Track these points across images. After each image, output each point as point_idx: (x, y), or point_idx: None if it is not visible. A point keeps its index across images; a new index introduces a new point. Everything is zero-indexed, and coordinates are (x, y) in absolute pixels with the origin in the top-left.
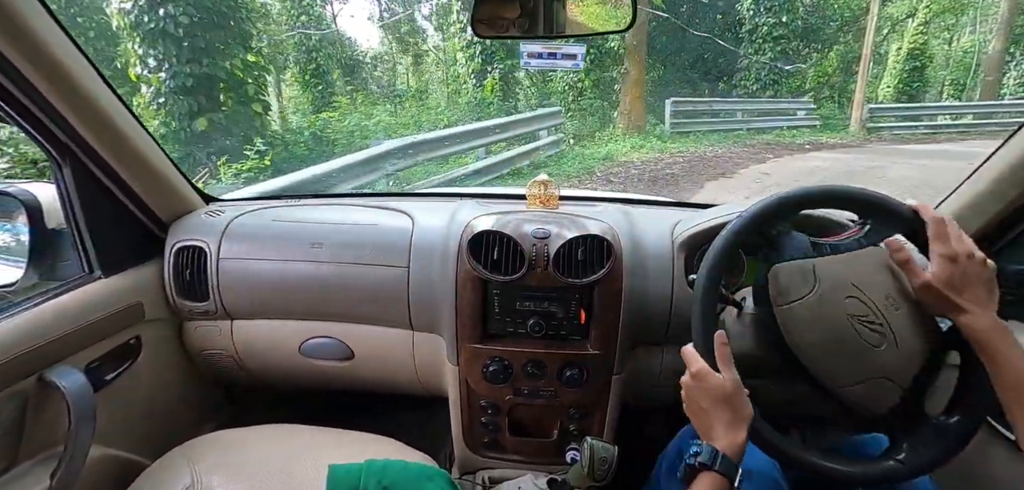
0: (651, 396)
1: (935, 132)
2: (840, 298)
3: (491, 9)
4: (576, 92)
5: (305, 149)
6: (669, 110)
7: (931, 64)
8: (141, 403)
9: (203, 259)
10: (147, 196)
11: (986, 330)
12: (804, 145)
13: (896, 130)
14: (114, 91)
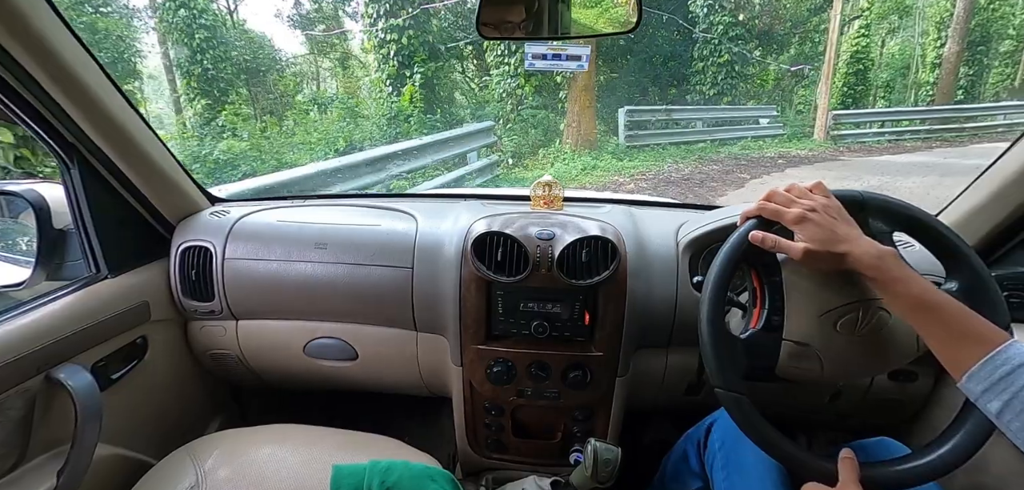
0: (655, 398)
1: (899, 138)
2: (833, 331)
3: (496, 11)
4: (515, 100)
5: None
6: (623, 121)
7: (873, 67)
8: (147, 402)
9: (208, 259)
10: (153, 196)
11: (874, 256)
12: (776, 159)
13: (862, 138)
14: (121, 91)
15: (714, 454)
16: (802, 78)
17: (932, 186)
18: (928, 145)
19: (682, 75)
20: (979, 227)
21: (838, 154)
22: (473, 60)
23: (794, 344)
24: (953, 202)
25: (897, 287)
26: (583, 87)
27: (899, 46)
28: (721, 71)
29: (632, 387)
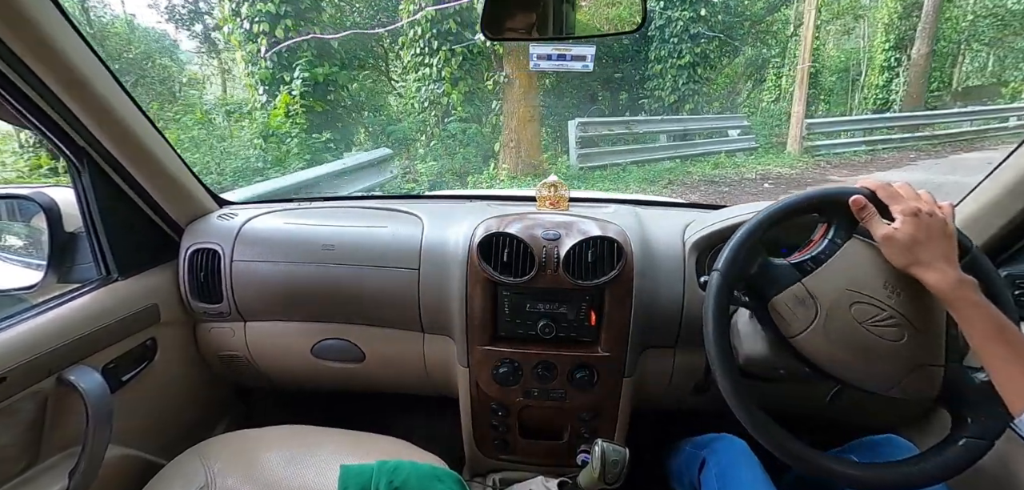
0: (663, 399)
1: (873, 149)
2: (845, 309)
3: (501, 11)
4: (440, 110)
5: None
6: (574, 136)
7: (824, 71)
8: (157, 404)
9: (217, 262)
10: (162, 199)
11: (952, 284)
12: (758, 179)
13: (836, 149)
14: (130, 95)
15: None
16: (760, 82)
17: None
18: (905, 155)
19: (637, 79)
20: (987, 227)
21: (825, 171)
22: (382, 62)
23: (806, 292)
24: (961, 202)
25: (974, 314)
26: (522, 96)
27: (835, 49)
28: (682, 74)
29: (639, 387)
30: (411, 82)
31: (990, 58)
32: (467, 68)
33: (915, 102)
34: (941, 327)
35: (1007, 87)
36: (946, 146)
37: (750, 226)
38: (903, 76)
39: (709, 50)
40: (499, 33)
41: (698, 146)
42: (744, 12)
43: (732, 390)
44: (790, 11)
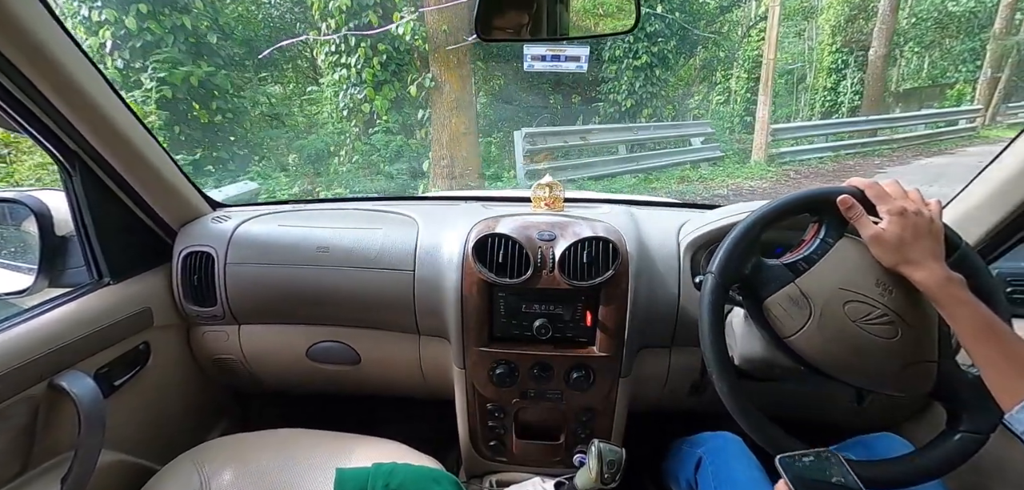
0: (659, 399)
1: (837, 155)
2: (839, 308)
3: (495, 13)
4: (362, 119)
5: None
6: (521, 149)
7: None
8: (150, 408)
9: (211, 265)
10: (155, 202)
11: (940, 282)
12: (728, 194)
13: (800, 155)
14: (121, 98)
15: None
16: (715, 85)
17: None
18: (870, 160)
19: (590, 80)
20: (978, 226)
21: (796, 182)
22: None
23: (800, 292)
24: (951, 201)
25: (964, 311)
26: (454, 104)
27: (779, 51)
28: (638, 76)
29: (635, 388)
30: (324, 86)
31: (925, 61)
32: (393, 69)
33: (874, 104)
34: (933, 323)
35: (953, 88)
36: (907, 150)
37: (743, 227)
38: (850, 79)
39: (667, 50)
40: (492, 34)
41: (660, 157)
42: (699, 11)
43: (729, 391)
44: (740, 12)
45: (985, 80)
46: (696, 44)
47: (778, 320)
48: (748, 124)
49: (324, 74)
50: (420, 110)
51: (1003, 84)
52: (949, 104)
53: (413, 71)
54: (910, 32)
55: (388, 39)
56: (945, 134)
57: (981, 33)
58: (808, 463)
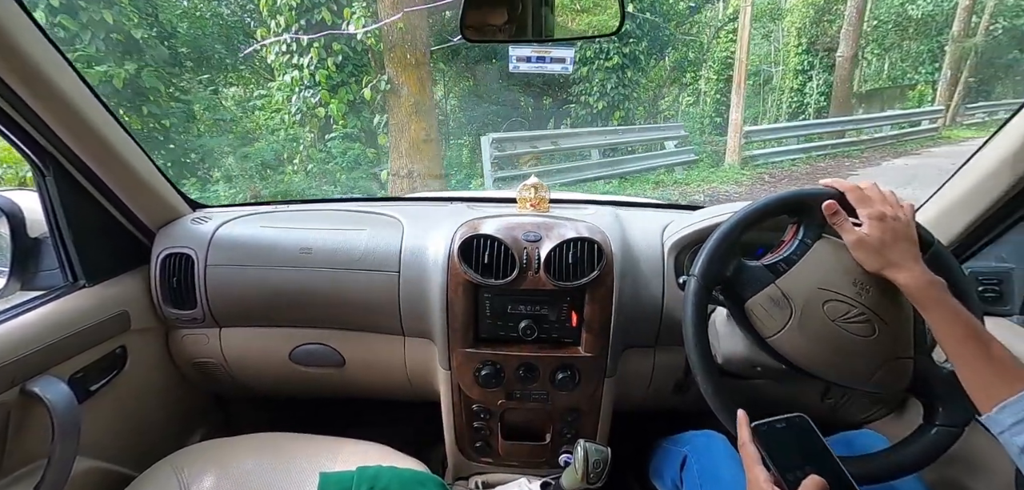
0: (644, 398)
1: (808, 155)
2: (818, 308)
3: (480, 14)
4: (319, 124)
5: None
6: (488, 155)
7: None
8: (127, 414)
9: (190, 267)
10: (132, 203)
11: (922, 284)
12: (705, 201)
13: (772, 158)
14: (97, 96)
15: (693, 488)
16: (686, 86)
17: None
18: (841, 162)
19: (561, 82)
20: (953, 225)
21: (771, 186)
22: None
23: (780, 293)
24: (927, 202)
25: (945, 313)
26: (412, 109)
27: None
28: (610, 77)
29: (621, 387)
30: (274, 90)
31: (885, 62)
32: (350, 71)
33: (841, 105)
34: (909, 320)
35: (914, 90)
36: (875, 152)
37: (724, 230)
38: (816, 81)
39: (638, 51)
40: (477, 35)
41: (634, 161)
42: (669, 12)
43: (714, 392)
44: (710, 13)
45: (945, 81)
46: (666, 45)
47: (760, 320)
48: (718, 126)
49: (275, 75)
50: (377, 115)
51: (962, 85)
52: (911, 105)
53: (371, 73)
54: (871, 34)
55: (344, 38)
56: (910, 135)
57: (939, 36)
58: (780, 428)
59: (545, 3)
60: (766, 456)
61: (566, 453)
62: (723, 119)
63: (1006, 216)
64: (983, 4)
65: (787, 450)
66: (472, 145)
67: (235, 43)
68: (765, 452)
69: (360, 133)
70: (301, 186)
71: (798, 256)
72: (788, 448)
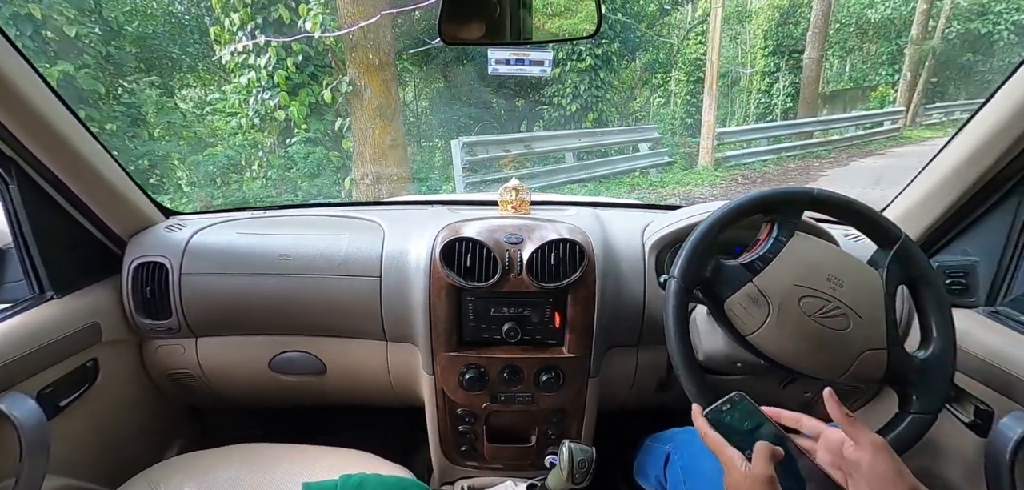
0: (627, 397)
1: (779, 156)
2: (795, 304)
3: (458, 17)
4: (279, 128)
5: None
6: (459, 159)
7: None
8: (100, 429)
9: (164, 276)
10: (102, 211)
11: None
12: (682, 204)
13: (744, 160)
14: (63, 102)
15: (677, 485)
16: (657, 87)
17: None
18: (810, 163)
19: (533, 83)
20: (921, 220)
21: (745, 188)
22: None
23: (758, 291)
24: (896, 198)
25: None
26: (377, 112)
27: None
28: (583, 79)
29: (604, 387)
30: (229, 93)
31: (847, 65)
32: (312, 72)
33: (809, 107)
34: (882, 313)
35: (875, 91)
36: (843, 153)
37: (701, 232)
38: (782, 82)
39: (610, 52)
40: (456, 38)
41: (609, 164)
42: (639, 13)
43: (697, 392)
44: (679, 15)
45: (905, 83)
46: (638, 47)
47: (739, 319)
48: (690, 127)
49: (230, 77)
50: (339, 118)
51: (921, 86)
52: (873, 106)
53: (333, 74)
54: (833, 37)
55: (304, 37)
56: (873, 135)
57: (898, 38)
58: (726, 410)
59: (523, 5)
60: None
61: (551, 454)
62: (694, 120)
63: (970, 211)
64: (940, 8)
65: (737, 430)
66: (444, 148)
67: (189, 42)
68: (722, 437)
69: (324, 137)
70: (259, 195)
71: (773, 254)
72: (737, 427)
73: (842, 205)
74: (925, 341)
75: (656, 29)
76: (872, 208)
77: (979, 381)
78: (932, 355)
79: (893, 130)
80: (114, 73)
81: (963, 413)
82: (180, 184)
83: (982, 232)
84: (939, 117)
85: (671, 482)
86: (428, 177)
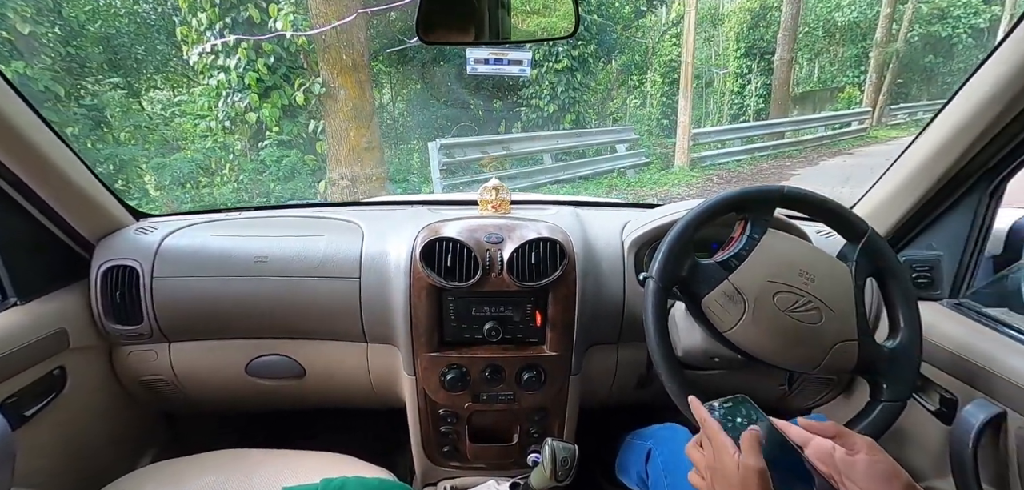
0: (608, 394)
1: (752, 156)
2: (769, 300)
3: (436, 16)
4: (250, 131)
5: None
6: (437, 161)
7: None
8: (69, 438)
9: (135, 280)
10: (69, 214)
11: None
12: (653, 202)
13: (719, 159)
14: (25, 100)
15: (659, 479)
16: (633, 88)
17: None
18: (782, 162)
19: (511, 84)
20: (888, 217)
21: (720, 187)
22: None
23: (733, 288)
24: (865, 196)
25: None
26: (351, 114)
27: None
28: (560, 80)
29: (585, 384)
30: (198, 94)
31: (815, 67)
32: (284, 73)
33: (781, 107)
34: (852, 305)
35: (843, 92)
36: (813, 152)
37: (676, 232)
38: (755, 83)
39: (586, 54)
40: (433, 37)
41: (587, 165)
42: (615, 15)
43: (678, 391)
44: (654, 17)
45: (871, 84)
46: (614, 49)
47: (716, 316)
48: (665, 127)
49: (200, 79)
50: (313, 121)
51: (886, 88)
52: (841, 107)
53: (305, 76)
54: (803, 40)
55: (276, 37)
56: (842, 135)
57: (863, 41)
58: (728, 407)
59: (501, 5)
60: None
61: (534, 452)
62: (670, 121)
63: (933, 208)
64: (902, 12)
65: (736, 428)
66: (422, 150)
67: (157, 43)
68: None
69: (297, 139)
70: (231, 199)
71: (747, 251)
72: (737, 426)
73: (811, 201)
74: (893, 331)
75: (631, 31)
76: (840, 203)
77: (944, 371)
78: (900, 344)
79: (860, 130)
80: (75, 74)
81: (929, 402)
82: (147, 189)
83: (945, 227)
84: (903, 117)
85: (652, 478)
86: (406, 179)
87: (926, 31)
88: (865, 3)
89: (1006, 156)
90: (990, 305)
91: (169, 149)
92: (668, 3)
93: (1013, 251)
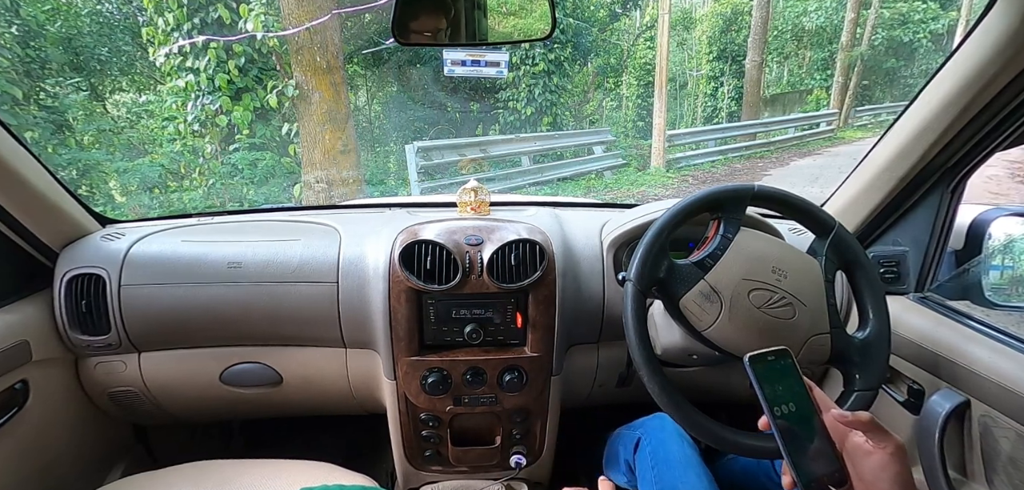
0: (590, 394)
1: (726, 157)
2: (744, 298)
3: (413, 17)
4: (221, 135)
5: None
6: (414, 164)
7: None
8: (32, 454)
9: (101, 288)
10: (29, 220)
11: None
12: (631, 203)
13: (694, 160)
14: None
15: (646, 469)
16: (608, 91)
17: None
18: (754, 163)
19: (488, 87)
20: (856, 215)
21: (695, 187)
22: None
23: (710, 287)
24: (833, 195)
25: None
26: (326, 117)
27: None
28: (537, 83)
29: (567, 385)
30: (165, 94)
31: (784, 70)
32: (256, 75)
33: (752, 109)
34: (823, 299)
35: (811, 94)
36: (784, 153)
37: (652, 234)
38: (727, 86)
39: (563, 57)
40: (410, 38)
41: (565, 167)
42: (591, 18)
43: (659, 390)
44: (628, 21)
45: (837, 87)
46: (590, 51)
47: (694, 315)
48: (641, 129)
49: (167, 80)
50: (286, 124)
51: (852, 90)
52: (809, 108)
53: (278, 78)
54: (772, 43)
55: (247, 38)
56: (810, 136)
57: (830, 45)
58: (771, 361)
59: (478, 6)
60: (759, 388)
61: (517, 455)
62: (645, 123)
63: (898, 206)
64: (866, 17)
65: (776, 384)
66: (399, 153)
67: (122, 43)
68: (758, 384)
69: (270, 142)
70: (201, 205)
71: (722, 250)
72: (776, 382)
73: (780, 199)
74: (863, 322)
75: (607, 34)
76: (808, 200)
77: (911, 362)
78: (870, 334)
79: (828, 131)
80: (35, 75)
81: (897, 392)
82: (112, 195)
83: (910, 224)
84: (868, 118)
85: (639, 465)
86: (383, 182)
87: (888, 36)
88: (831, 8)
89: (965, 155)
90: (953, 297)
91: (135, 153)
92: (642, 6)
93: (974, 246)
